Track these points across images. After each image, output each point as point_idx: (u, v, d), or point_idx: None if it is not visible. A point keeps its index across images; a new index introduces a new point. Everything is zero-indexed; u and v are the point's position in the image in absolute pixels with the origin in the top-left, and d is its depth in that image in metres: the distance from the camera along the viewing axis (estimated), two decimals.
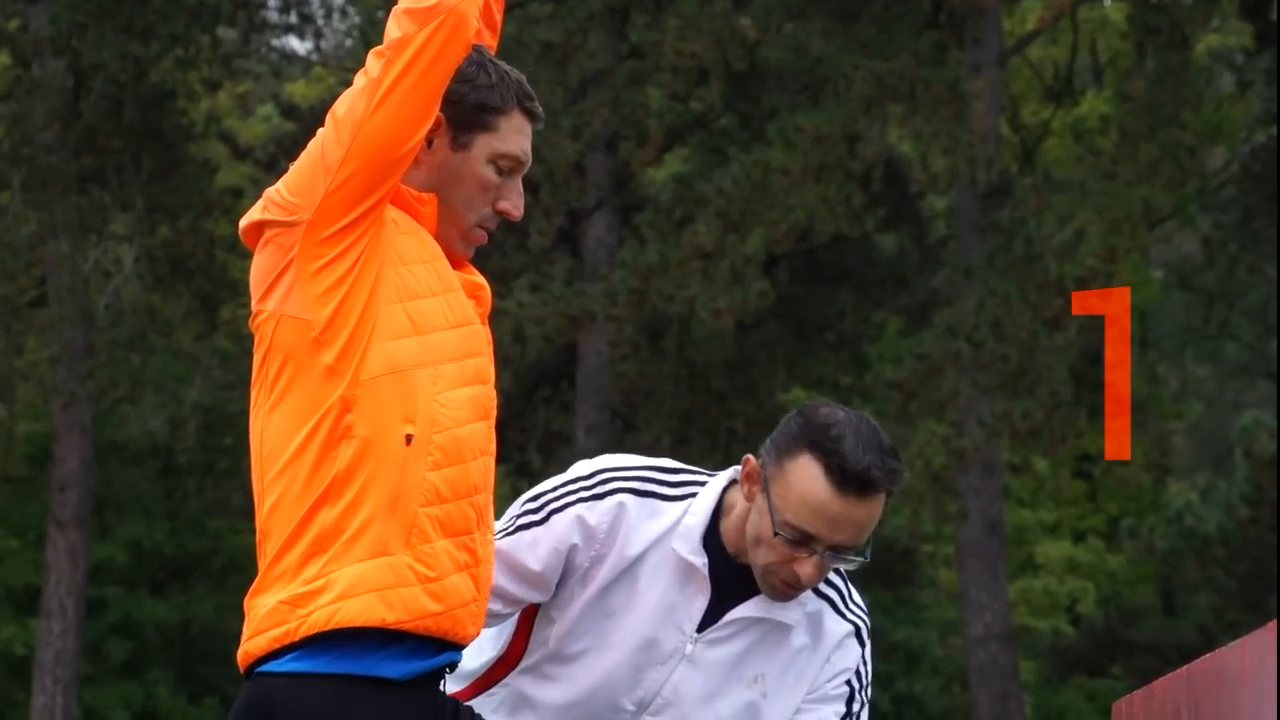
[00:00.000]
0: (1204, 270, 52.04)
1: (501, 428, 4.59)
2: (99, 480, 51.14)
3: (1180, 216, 49.52)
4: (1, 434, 59.20)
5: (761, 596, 4.88)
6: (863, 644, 5.01)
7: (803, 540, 4.78)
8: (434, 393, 4.23)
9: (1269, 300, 51.57)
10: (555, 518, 4.81)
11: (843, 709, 4.93)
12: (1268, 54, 48.51)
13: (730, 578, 4.93)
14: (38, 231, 47.98)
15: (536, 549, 4.81)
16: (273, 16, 53.52)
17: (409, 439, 4.19)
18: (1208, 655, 3.43)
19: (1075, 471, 59.14)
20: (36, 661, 48.89)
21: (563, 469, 4.85)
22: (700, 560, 4.87)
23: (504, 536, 4.82)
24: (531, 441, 44.12)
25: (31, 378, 55.96)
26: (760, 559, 4.85)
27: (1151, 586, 53.74)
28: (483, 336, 4.43)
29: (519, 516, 4.89)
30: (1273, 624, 2.93)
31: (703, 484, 4.99)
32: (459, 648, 4.33)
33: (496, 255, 41.80)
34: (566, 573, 4.86)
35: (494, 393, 4.45)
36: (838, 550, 4.80)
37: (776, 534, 4.82)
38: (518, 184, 4.45)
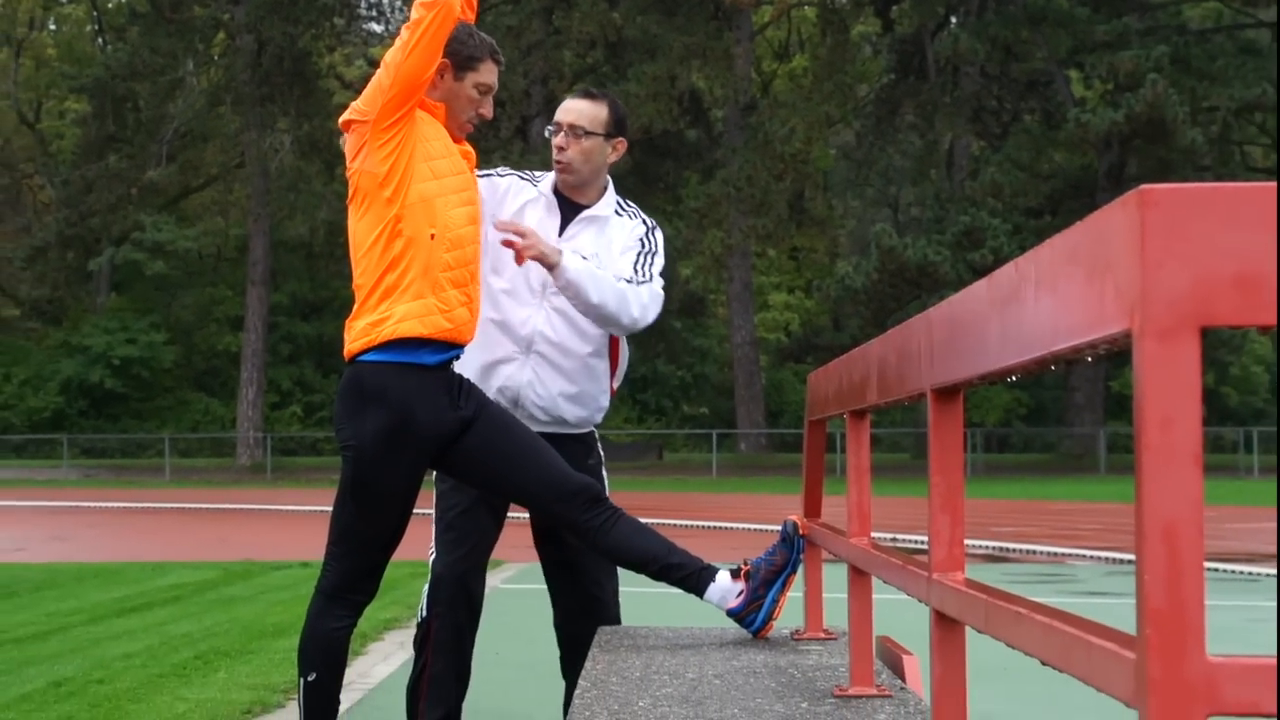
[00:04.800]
0: (856, 149, 52.10)
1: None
2: (274, 259, 50.95)
3: (844, 121, 49.45)
4: (222, 234, 58.67)
5: (587, 210, 4.82)
6: (643, 223, 4.88)
7: (555, 130, 4.79)
8: (446, 210, 4.23)
9: (888, 167, 51.72)
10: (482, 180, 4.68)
11: (638, 245, 4.79)
12: (889, 35, 48.44)
13: (567, 207, 4.82)
14: (239, 127, 47.49)
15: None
16: (364, 11, 52.94)
17: (433, 236, 4.20)
18: (855, 349, 3.39)
19: (789, 256, 59.41)
20: (242, 355, 48.84)
21: None
22: (550, 195, 4.81)
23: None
24: None
25: (237, 205, 55.43)
26: (552, 154, 4.82)
27: (828, 316, 54.16)
28: (471, 179, 4.40)
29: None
30: (889, 331, 2.89)
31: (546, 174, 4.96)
32: (462, 347, 4.30)
33: (483, 140, 41.79)
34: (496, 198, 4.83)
35: (479, 210, 4.43)
36: (572, 129, 4.76)
37: (549, 131, 4.85)
38: (490, 100, 4.43)
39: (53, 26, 64.00)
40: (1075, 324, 1.56)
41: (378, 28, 55.53)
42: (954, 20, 46.19)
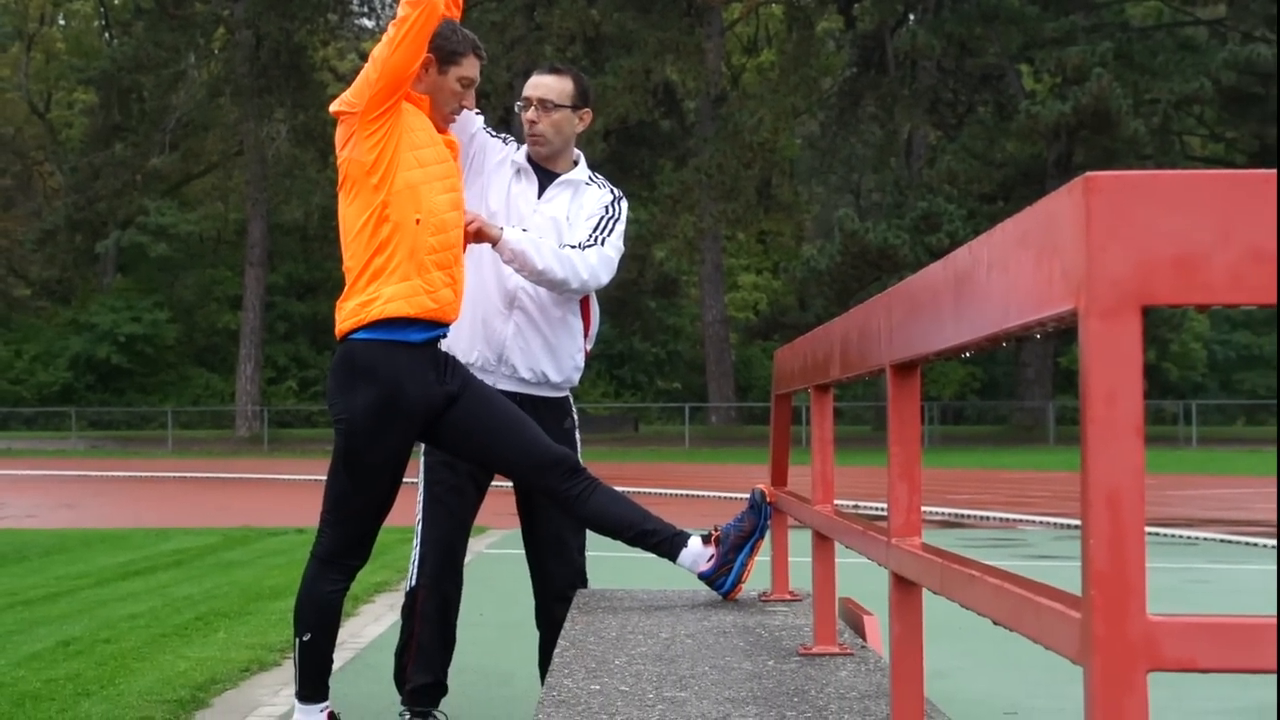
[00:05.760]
0: (821, 139, 52.02)
1: None
2: (270, 242, 50.75)
3: (809, 112, 49.41)
4: (222, 218, 58.42)
5: (562, 175, 4.81)
6: (611, 193, 4.85)
7: (525, 105, 4.77)
8: (431, 196, 4.21)
9: (851, 155, 51.67)
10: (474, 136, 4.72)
11: (602, 212, 4.76)
12: (851, 32, 48.39)
13: (543, 174, 4.80)
14: (239, 117, 47.25)
15: (470, 129, 4.72)
16: (356, 7, 52.67)
17: (418, 221, 4.18)
18: (819, 327, 3.39)
19: (757, 239, 59.37)
20: (241, 332, 48.69)
21: None
22: (526, 164, 4.79)
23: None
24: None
25: (236, 190, 55.17)
26: (524, 128, 4.80)
27: (794, 296, 54.08)
28: (454, 168, 4.37)
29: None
30: (851, 310, 2.89)
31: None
32: (447, 325, 4.28)
33: None
34: (480, 156, 4.78)
35: (461, 196, 4.40)
36: (542, 103, 4.76)
37: (519, 106, 4.83)
38: (472, 93, 4.42)
39: (62, 22, 63.74)
40: (1025, 303, 1.56)
41: (369, 23, 55.33)
42: (912, 17, 46.23)
